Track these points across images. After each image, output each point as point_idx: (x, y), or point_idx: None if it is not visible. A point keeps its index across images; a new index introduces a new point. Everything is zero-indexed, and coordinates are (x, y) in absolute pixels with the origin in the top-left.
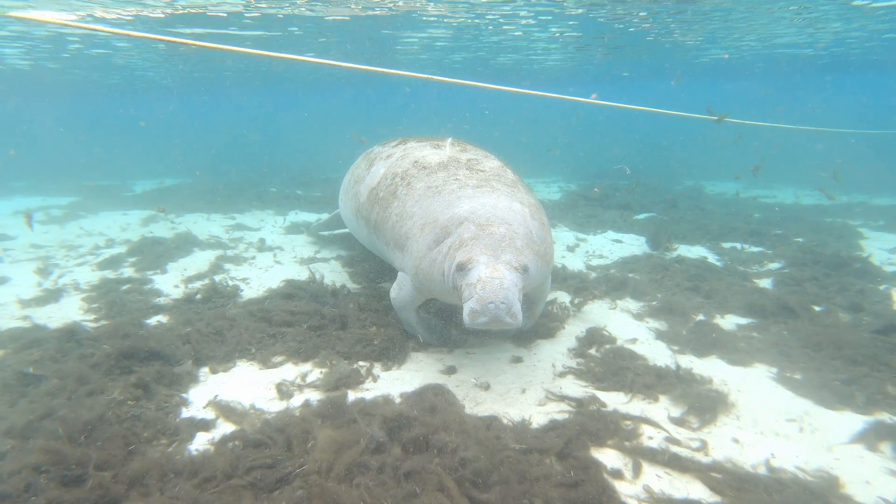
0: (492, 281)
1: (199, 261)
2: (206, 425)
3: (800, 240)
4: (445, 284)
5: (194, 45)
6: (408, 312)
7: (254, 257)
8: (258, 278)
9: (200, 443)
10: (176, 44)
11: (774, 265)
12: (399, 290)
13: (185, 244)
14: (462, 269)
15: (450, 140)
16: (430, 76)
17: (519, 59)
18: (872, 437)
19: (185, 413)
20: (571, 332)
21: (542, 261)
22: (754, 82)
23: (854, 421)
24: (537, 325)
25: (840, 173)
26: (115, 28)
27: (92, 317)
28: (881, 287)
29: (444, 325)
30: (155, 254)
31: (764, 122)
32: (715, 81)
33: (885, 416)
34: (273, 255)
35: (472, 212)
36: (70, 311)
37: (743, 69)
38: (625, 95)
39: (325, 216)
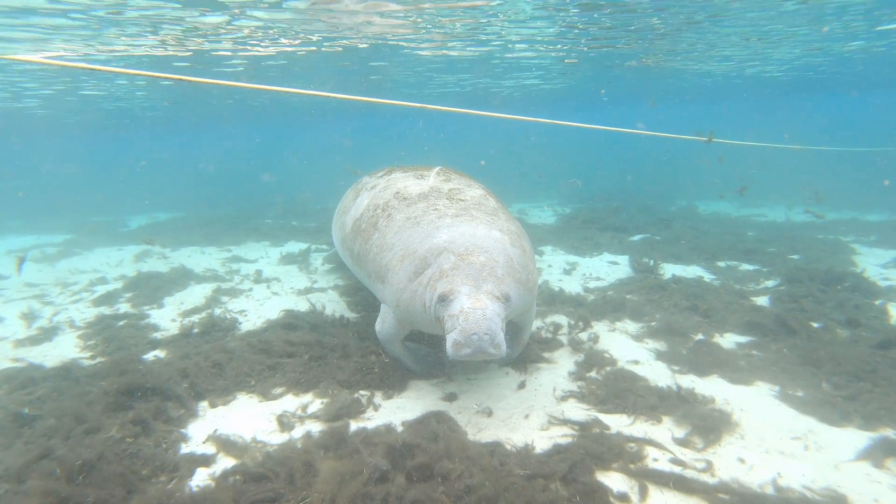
0: (474, 312)
1: (196, 294)
2: (206, 460)
3: (795, 257)
4: (427, 316)
5: (187, 80)
6: (393, 345)
7: (251, 289)
8: (256, 310)
9: (201, 478)
10: (173, 80)
11: (770, 283)
12: (382, 323)
13: (182, 278)
14: (444, 300)
15: (436, 169)
16: (422, 105)
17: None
18: (878, 454)
19: (185, 449)
20: (571, 356)
21: (525, 288)
22: (737, 103)
23: (859, 438)
24: (537, 349)
25: (821, 194)
26: (106, 67)
27: (88, 354)
28: (877, 302)
29: (434, 353)
30: (151, 288)
31: (750, 142)
32: (699, 102)
33: (889, 433)
34: (270, 287)
35: (451, 241)
36: (66, 349)
37: (725, 90)
38: (608, 120)
39: (314, 246)
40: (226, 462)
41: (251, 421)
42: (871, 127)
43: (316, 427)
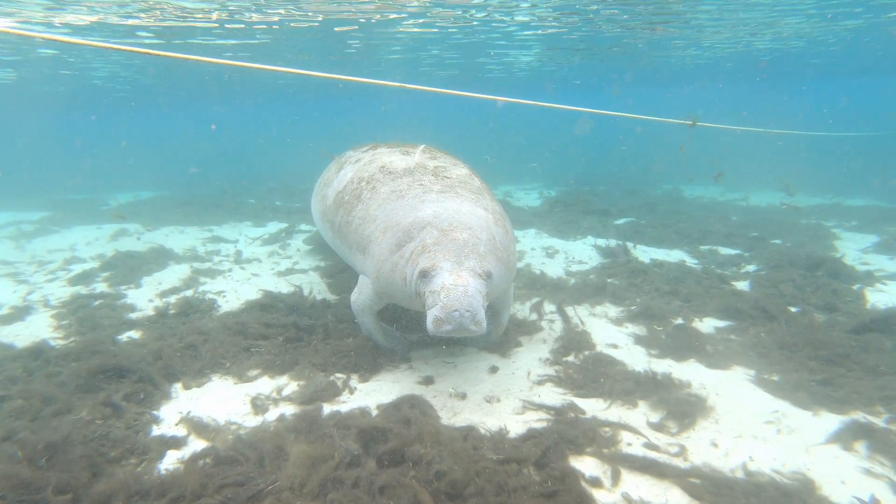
0: (456, 288)
1: (175, 274)
2: (177, 443)
3: (777, 241)
4: (407, 290)
5: (166, 55)
6: (367, 317)
7: (230, 270)
8: (235, 291)
9: (171, 461)
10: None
11: (751, 267)
12: (359, 293)
13: (160, 258)
14: (425, 275)
15: (421, 147)
16: (402, 84)
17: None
18: (848, 437)
19: (156, 431)
20: (550, 339)
21: (506, 268)
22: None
23: (830, 421)
24: (516, 333)
25: (791, 186)
26: (85, 40)
27: (62, 334)
28: (854, 287)
29: (401, 333)
30: (129, 268)
31: (732, 125)
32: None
33: (859, 416)
34: (250, 268)
35: (436, 216)
36: (39, 329)
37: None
38: (579, 103)
39: (297, 226)
40: (197, 444)
41: (225, 403)
42: (854, 112)
43: (290, 410)
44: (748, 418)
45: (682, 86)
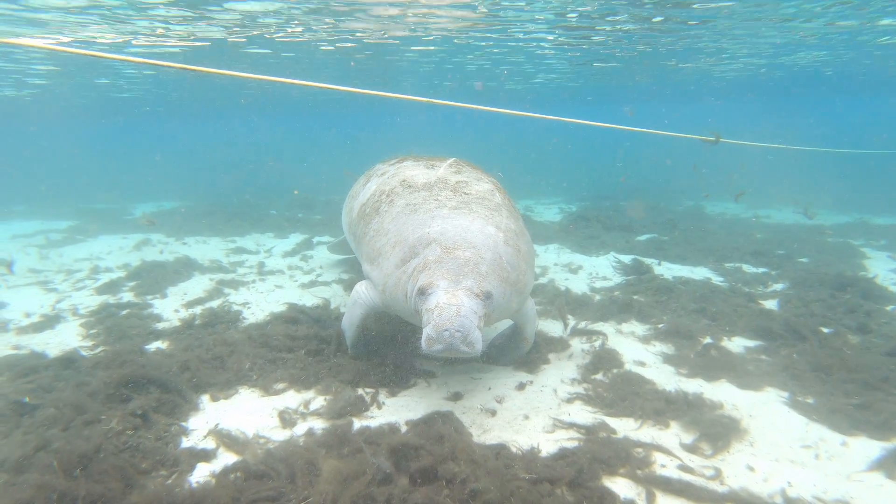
0: (449, 308)
1: (200, 285)
2: (206, 455)
3: (804, 260)
4: (408, 306)
5: (190, 69)
6: (359, 310)
7: (254, 281)
8: (258, 303)
9: (201, 474)
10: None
11: (779, 286)
12: (366, 290)
13: (185, 268)
14: (423, 292)
15: (449, 161)
16: (428, 100)
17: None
18: (891, 465)
19: (186, 443)
20: (577, 357)
21: (513, 289)
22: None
23: (871, 447)
24: (543, 350)
25: (810, 207)
26: (113, 54)
27: (90, 343)
28: (888, 308)
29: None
30: (154, 278)
31: (756, 143)
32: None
33: None
34: (273, 279)
35: (442, 233)
36: (68, 338)
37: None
38: (594, 118)
39: (319, 238)
40: (227, 458)
41: (253, 416)
42: (877, 129)
43: (318, 424)
44: (784, 442)
45: (696, 102)
